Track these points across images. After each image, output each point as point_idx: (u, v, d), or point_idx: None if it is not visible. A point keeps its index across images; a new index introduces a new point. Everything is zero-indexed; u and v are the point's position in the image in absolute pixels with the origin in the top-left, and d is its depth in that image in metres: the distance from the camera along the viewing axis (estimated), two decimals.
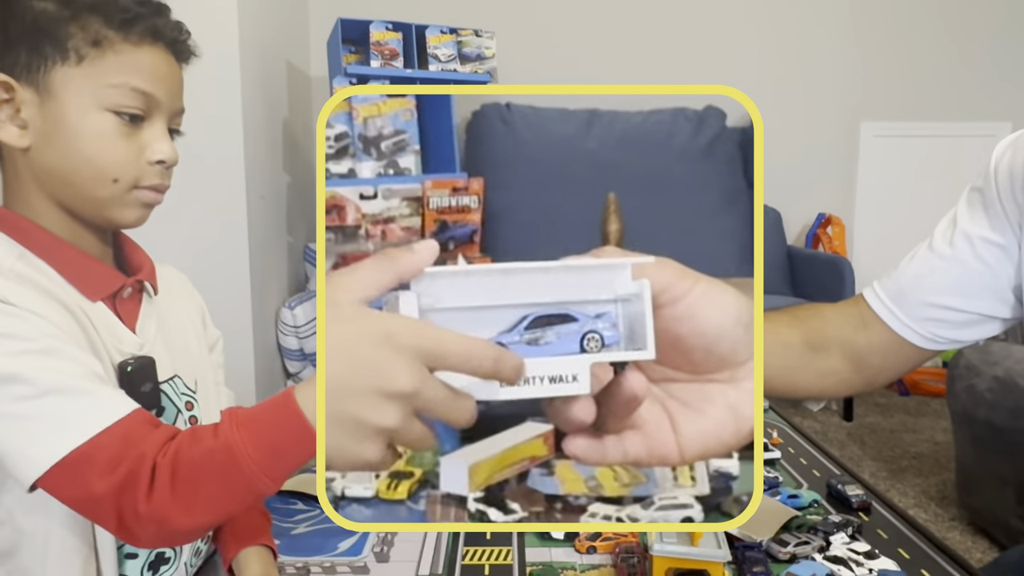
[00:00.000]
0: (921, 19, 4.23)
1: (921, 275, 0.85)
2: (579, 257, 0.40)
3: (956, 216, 0.85)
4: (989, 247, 0.81)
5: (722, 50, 4.16)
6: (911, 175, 4.31)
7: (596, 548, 0.85)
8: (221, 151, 2.39)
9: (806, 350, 0.88)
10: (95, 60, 0.63)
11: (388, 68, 2.94)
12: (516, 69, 3.83)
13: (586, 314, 0.39)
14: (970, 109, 4.29)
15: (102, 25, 0.63)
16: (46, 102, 0.63)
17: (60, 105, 0.63)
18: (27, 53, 0.62)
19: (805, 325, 0.89)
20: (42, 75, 0.62)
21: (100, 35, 0.63)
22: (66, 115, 0.63)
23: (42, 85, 0.63)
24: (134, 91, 0.65)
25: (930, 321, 0.84)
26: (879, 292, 0.87)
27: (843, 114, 4.26)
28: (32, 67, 0.62)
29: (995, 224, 0.80)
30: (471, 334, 0.38)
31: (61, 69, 0.62)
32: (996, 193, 0.80)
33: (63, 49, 0.62)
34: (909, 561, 0.84)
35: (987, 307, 0.82)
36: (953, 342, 0.85)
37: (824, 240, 4.10)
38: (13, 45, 0.62)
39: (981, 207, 0.82)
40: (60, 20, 0.62)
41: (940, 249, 0.84)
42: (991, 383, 2.00)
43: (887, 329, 0.85)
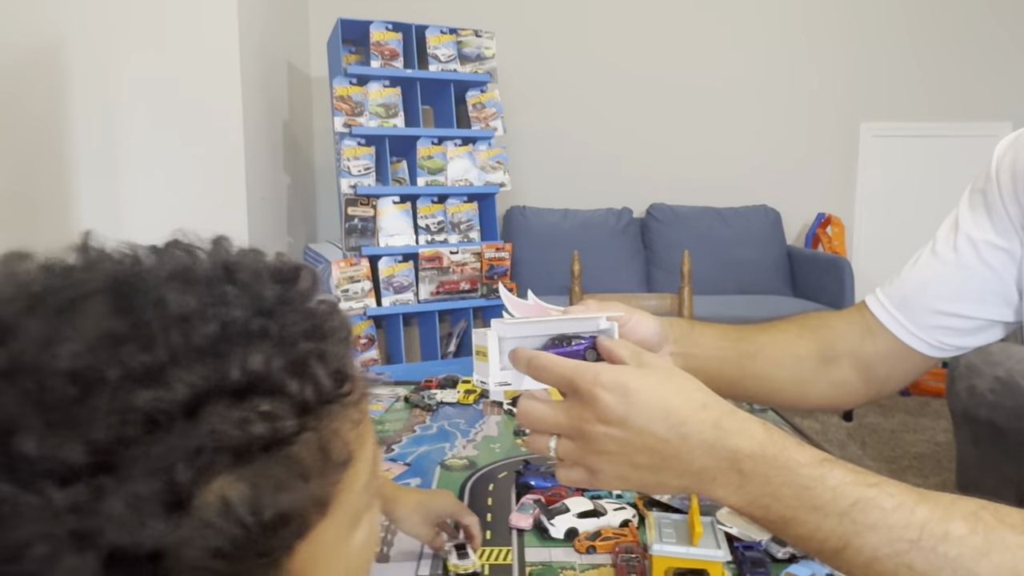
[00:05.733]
0: (921, 19, 4.23)
1: (925, 282, 0.82)
2: (578, 308, 0.70)
3: (958, 219, 0.82)
4: (993, 251, 0.79)
5: (722, 50, 4.16)
6: (911, 175, 4.32)
7: (596, 548, 0.85)
8: (221, 151, 2.40)
9: (818, 362, 0.85)
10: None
11: (388, 68, 2.95)
12: (516, 69, 3.84)
13: (583, 337, 0.65)
14: (970, 109, 4.30)
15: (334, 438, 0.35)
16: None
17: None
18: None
19: (815, 335, 0.86)
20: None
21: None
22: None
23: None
24: (375, 462, 0.40)
25: (937, 329, 0.82)
26: (883, 300, 0.85)
27: (843, 114, 4.27)
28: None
29: (998, 227, 0.78)
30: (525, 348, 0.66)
31: (301, 542, 0.33)
32: (999, 195, 0.78)
33: (296, 527, 0.33)
34: None
35: (993, 312, 0.80)
36: (959, 348, 0.83)
37: (824, 240, 4.10)
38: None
39: (984, 210, 0.80)
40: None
41: (943, 254, 0.82)
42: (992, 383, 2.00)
43: (893, 338, 0.83)
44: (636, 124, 4.13)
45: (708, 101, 4.17)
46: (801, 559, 0.83)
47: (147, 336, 0.28)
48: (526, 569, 0.82)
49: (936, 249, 0.83)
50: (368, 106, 2.91)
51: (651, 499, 0.95)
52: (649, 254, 3.95)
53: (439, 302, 3.03)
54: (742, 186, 4.14)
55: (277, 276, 0.34)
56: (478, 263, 3.09)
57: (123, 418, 0.26)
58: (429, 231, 3.04)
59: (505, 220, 3.84)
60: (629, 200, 4.03)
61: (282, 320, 0.31)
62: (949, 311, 0.81)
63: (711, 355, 0.81)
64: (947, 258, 0.81)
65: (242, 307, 0.31)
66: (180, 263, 0.32)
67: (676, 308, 1.99)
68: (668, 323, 0.79)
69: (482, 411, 1.37)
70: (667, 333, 0.78)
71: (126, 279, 0.30)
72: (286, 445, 0.30)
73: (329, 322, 0.34)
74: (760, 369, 0.82)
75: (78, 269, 0.31)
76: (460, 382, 1.49)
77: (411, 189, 3.01)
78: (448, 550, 0.83)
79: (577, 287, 2.20)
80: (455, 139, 3.07)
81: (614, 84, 4.09)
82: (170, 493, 0.26)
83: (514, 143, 3.74)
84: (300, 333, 0.32)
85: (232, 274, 0.32)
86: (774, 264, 3.97)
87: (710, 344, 0.81)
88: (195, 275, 0.31)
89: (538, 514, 0.91)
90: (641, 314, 0.75)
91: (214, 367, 0.28)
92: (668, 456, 0.53)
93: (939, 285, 0.81)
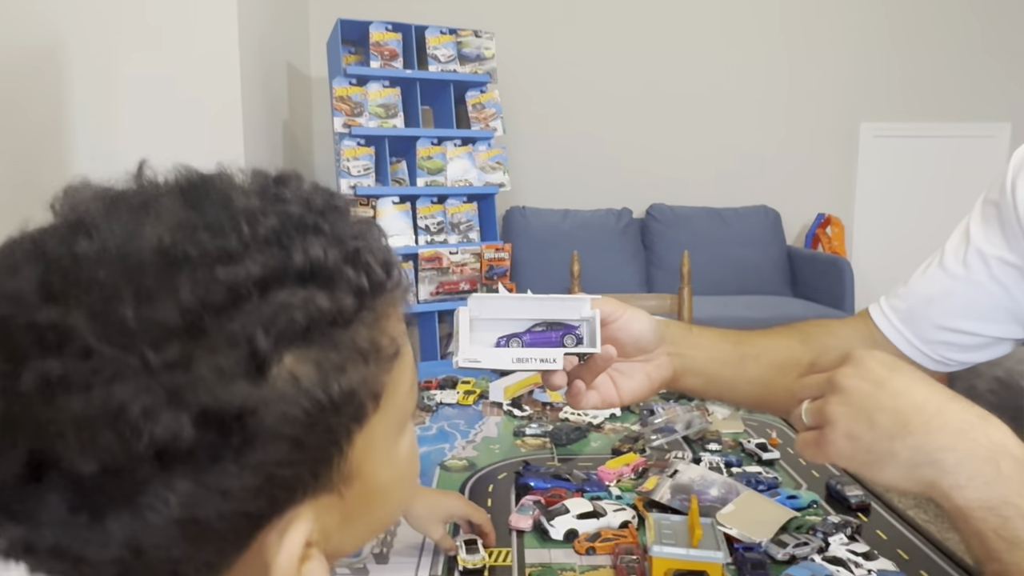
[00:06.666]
0: (922, 19, 4.23)
1: (933, 296, 0.80)
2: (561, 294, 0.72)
3: (969, 231, 0.79)
4: (1005, 268, 0.75)
5: (722, 50, 4.16)
6: (911, 175, 4.32)
7: (595, 549, 0.85)
8: (221, 151, 2.39)
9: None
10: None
11: (388, 68, 2.95)
12: (516, 69, 3.84)
13: (569, 324, 0.67)
14: (970, 109, 4.30)
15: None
16: (348, 489, 0.37)
17: (366, 478, 0.38)
18: (310, 468, 0.34)
19: (817, 343, 0.85)
20: (336, 467, 0.35)
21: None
22: (377, 480, 0.39)
23: (337, 476, 0.36)
24: (415, 372, 0.42)
25: (942, 344, 0.80)
26: (887, 312, 0.83)
27: (843, 114, 4.27)
28: (317, 474, 0.35)
29: (1012, 243, 0.75)
30: (500, 334, 0.70)
31: (360, 433, 0.36)
32: (1013, 208, 0.75)
33: (356, 410, 0.35)
34: (908, 562, 0.84)
35: (1001, 329, 0.77)
36: (963, 364, 0.81)
37: (824, 240, 4.10)
38: (283, 480, 0.33)
39: (997, 224, 0.76)
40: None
41: (953, 268, 0.79)
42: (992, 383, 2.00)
43: (896, 350, 0.81)
44: (636, 124, 4.13)
45: (708, 101, 4.17)
46: (800, 560, 0.83)
47: (218, 226, 0.31)
48: (526, 570, 0.82)
49: (945, 262, 0.80)
50: (368, 106, 2.91)
51: (651, 500, 0.95)
52: (649, 254, 3.95)
53: (439, 302, 3.03)
54: (742, 186, 4.14)
55: (320, 188, 0.37)
56: (478, 263, 3.09)
57: (207, 287, 0.29)
58: (429, 231, 3.04)
59: (505, 220, 3.83)
60: (629, 200, 4.03)
61: (332, 219, 0.34)
62: (956, 327, 0.79)
63: (710, 357, 0.81)
64: (956, 273, 0.79)
65: (297, 206, 0.34)
66: (235, 176, 0.36)
67: (676, 309, 1.99)
68: (665, 324, 0.79)
69: (482, 412, 1.36)
70: (663, 333, 0.78)
71: (193, 184, 0.34)
72: (345, 328, 0.33)
73: (369, 225, 0.38)
74: (759, 373, 0.82)
75: (145, 180, 0.35)
76: (460, 383, 1.49)
77: (411, 189, 3.01)
78: (458, 545, 0.84)
79: (577, 288, 2.20)
80: (455, 139, 3.07)
81: (614, 84, 4.09)
82: (251, 358, 0.29)
83: (514, 143, 3.74)
84: (348, 231, 0.35)
85: (284, 183, 0.35)
86: (774, 264, 3.97)
87: (709, 346, 0.81)
88: (252, 183, 0.35)
89: (538, 515, 0.91)
90: (635, 311, 0.76)
91: (280, 254, 0.31)
92: (914, 424, 0.51)
93: (947, 300, 0.79)
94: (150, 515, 0.29)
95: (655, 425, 1.23)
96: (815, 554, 0.83)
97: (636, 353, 0.78)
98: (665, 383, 0.80)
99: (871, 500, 0.98)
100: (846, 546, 0.85)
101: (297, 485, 0.33)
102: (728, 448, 1.18)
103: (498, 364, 0.67)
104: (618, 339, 0.74)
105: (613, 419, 1.32)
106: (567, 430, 1.21)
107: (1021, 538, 0.46)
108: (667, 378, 0.79)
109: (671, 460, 1.09)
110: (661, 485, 0.98)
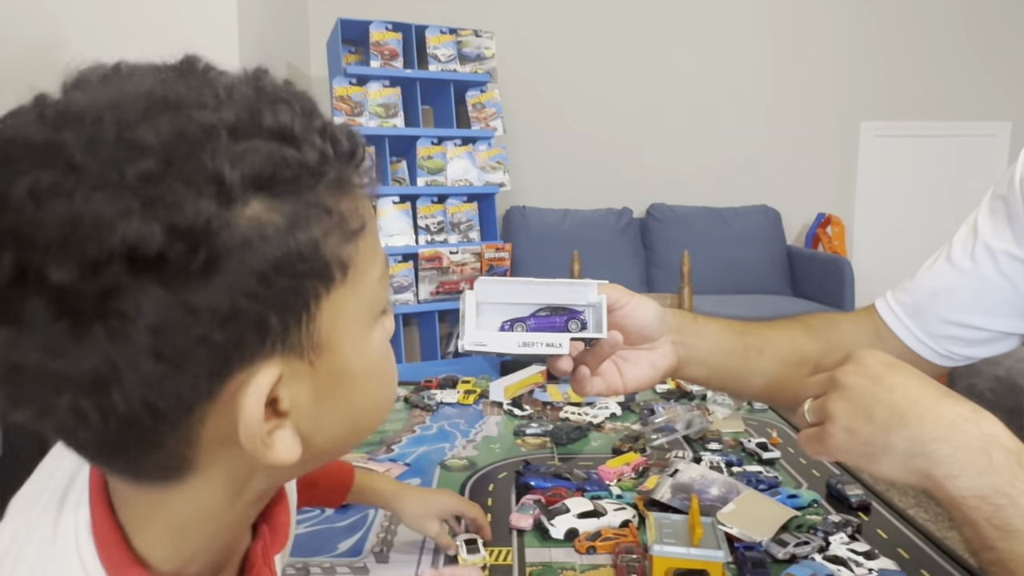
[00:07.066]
0: (921, 19, 4.23)
1: (940, 290, 0.80)
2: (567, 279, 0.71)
3: (977, 225, 0.79)
4: (1013, 263, 0.76)
5: (722, 50, 4.16)
6: (911, 175, 4.32)
7: (596, 548, 0.85)
8: None
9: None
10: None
11: (388, 68, 2.95)
12: (516, 69, 3.84)
13: (573, 310, 0.66)
14: (970, 109, 4.29)
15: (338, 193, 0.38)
16: (318, 359, 0.37)
17: (335, 353, 0.38)
18: (277, 312, 0.34)
19: (822, 336, 0.85)
20: (304, 327, 0.36)
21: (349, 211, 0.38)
22: (348, 363, 0.39)
23: (306, 341, 0.36)
24: (386, 265, 0.42)
25: (947, 339, 0.80)
26: (893, 305, 0.83)
27: (843, 114, 4.27)
28: (286, 325, 0.35)
29: (1020, 238, 0.75)
30: (506, 318, 0.69)
31: (327, 299, 0.36)
32: (1022, 204, 0.75)
33: (321, 268, 0.36)
34: (909, 561, 0.84)
35: (1008, 324, 0.77)
36: (968, 359, 0.81)
37: (824, 240, 4.10)
38: (250, 317, 0.34)
39: (1005, 218, 0.77)
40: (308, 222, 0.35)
41: (960, 263, 0.79)
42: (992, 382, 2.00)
43: (901, 344, 0.82)
44: (636, 124, 4.13)
45: (708, 101, 4.17)
46: (801, 559, 0.83)
47: (199, 87, 0.34)
48: (526, 569, 0.82)
49: (952, 256, 0.80)
50: (368, 106, 2.91)
51: (651, 499, 0.95)
52: (649, 254, 3.95)
53: (439, 302, 3.03)
54: (742, 186, 4.14)
55: (297, 89, 0.39)
56: (478, 263, 3.09)
57: (184, 124, 0.32)
58: (429, 231, 3.05)
59: (505, 220, 3.84)
60: (629, 200, 4.03)
61: (303, 100, 0.37)
62: (962, 322, 0.79)
63: (715, 347, 0.81)
64: (964, 267, 0.79)
65: (272, 84, 0.37)
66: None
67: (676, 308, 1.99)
68: (671, 313, 0.79)
69: (482, 411, 1.36)
70: (669, 322, 0.78)
71: (180, 62, 0.37)
72: (311, 187, 0.35)
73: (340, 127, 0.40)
74: (764, 365, 0.82)
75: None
76: (460, 382, 1.49)
77: (411, 189, 3.01)
78: (459, 545, 0.84)
79: None
80: (455, 139, 3.07)
81: (614, 84, 4.09)
82: (218, 185, 0.32)
83: (514, 143, 3.74)
84: (318, 110, 0.38)
85: (264, 73, 0.38)
86: (774, 264, 3.97)
87: (714, 336, 0.81)
88: (237, 73, 0.38)
89: (538, 514, 0.91)
90: (641, 298, 0.76)
91: (252, 113, 0.34)
92: (910, 417, 0.53)
93: (953, 295, 0.79)
94: (126, 324, 0.30)
95: (655, 424, 1.23)
96: (816, 553, 0.83)
97: (641, 341, 0.78)
98: (669, 372, 0.79)
99: (872, 499, 0.98)
100: (847, 545, 0.85)
101: (265, 331, 0.34)
102: (728, 447, 1.18)
103: (504, 348, 0.66)
104: (623, 326, 0.74)
105: (613, 418, 1.32)
106: (567, 429, 1.22)
107: (1013, 526, 0.47)
108: (671, 367, 0.79)
109: (671, 459, 1.09)
110: (662, 484, 0.98)
